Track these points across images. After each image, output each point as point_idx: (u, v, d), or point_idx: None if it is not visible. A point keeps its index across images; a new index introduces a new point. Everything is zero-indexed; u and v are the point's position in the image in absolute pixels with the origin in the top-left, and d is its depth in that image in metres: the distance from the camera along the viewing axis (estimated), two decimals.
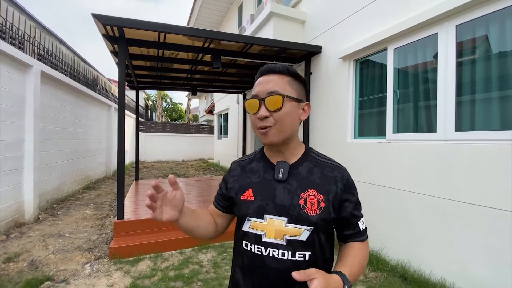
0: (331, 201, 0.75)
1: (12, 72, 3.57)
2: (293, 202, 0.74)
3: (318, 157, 0.83)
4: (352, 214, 0.78)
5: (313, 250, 0.74)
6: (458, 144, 2.24)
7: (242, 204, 0.81)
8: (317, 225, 0.73)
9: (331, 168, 0.80)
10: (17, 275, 2.53)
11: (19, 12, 4.39)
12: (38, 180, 4.08)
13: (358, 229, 0.79)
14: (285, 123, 0.75)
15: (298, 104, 0.78)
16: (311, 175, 0.78)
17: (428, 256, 2.44)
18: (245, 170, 0.87)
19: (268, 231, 0.75)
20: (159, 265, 2.83)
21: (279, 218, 0.74)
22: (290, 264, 0.72)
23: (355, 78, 3.50)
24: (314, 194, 0.75)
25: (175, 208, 0.73)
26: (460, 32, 2.28)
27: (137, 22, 3.08)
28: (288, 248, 0.72)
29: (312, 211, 0.73)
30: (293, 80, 0.78)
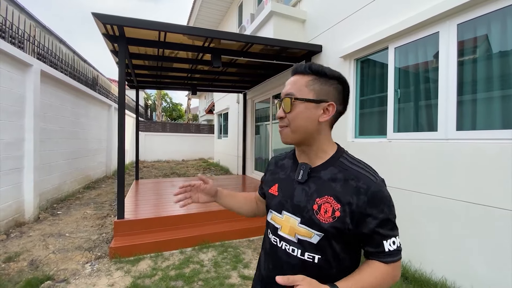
0: (348, 212, 0.70)
1: (12, 71, 3.56)
2: (307, 205, 0.75)
3: (349, 163, 0.77)
4: (374, 231, 0.70)
5: (323, 255, 0.73)
6: (459, 143, 2.24)
7: (269, 196, 0.89)
8: (328, 232, 0.72)
9: (357, 176, 0.73)
10: (17, 274, 2.53)
11: (19, 11, 4.38)
12: (38, 180, 4.07)
13: (382, 248, 0.71)
14: (297, 124, 0.76)
15: (316, 105, 0.75)
16: (333, 181, 0.74)
17: (429, 255, 2.44)
18: (277, 165, 0.93)
19: (284, 226, 0.79)
20: (159, 265, 2.83)
21: (293, 216, 0.78)
22: (299, 262, 0.75)
23: (355, 77, 3.50)
24: (330, 202, 0.72)
25: (208, 194, 1.01)
26: (462, 31, 2.27)
27: (138, 21, 3.07)
28: (298, 246, 0.75)
29: (325, 218, 0.72)
30: (315, 80, 0.76)
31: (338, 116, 0.81)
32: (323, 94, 0.76)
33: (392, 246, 0.71)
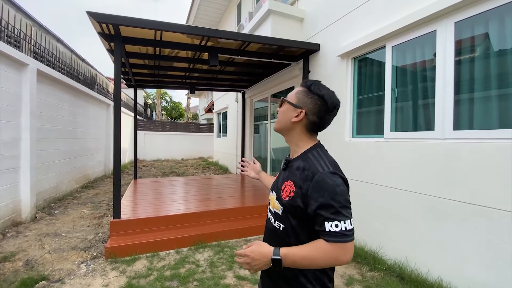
0: (300, 194, 0.88)
1: (7, 70, 3.54)
2: (279, 186, 0.99)
3: (312, 157, 0.94)
4: (316, 212, 0.83)
5: (285, 225, 0.94)
6: (457, 143, 2.21)
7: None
8: (285, 207, 0.93)
9: (310, 167, 0.90)
10: (13, 274, 2.52)
11: (15, 10, 4.36)
12: (35, 179, 4.06)
13: (323, 228, 0.82)
14: (280, 118, 1.02)
15: (293, 109, 0.97)
16: (297, 170, 0.95)
17: (425, 255, 2.43)
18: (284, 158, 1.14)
19: (271, 201, 1.03)
20: (155, 265, 2.81)
21: (274, 194, 1.02)
22: (272, 228, 0.99)
23: (353, 76, 3.47)
24: (290, 185, 0.93)
25: (255, 171, 1.43)
26: (459, 29, 2.25)
27: (133, 20, 3.05)
28: (273, 216, 1.00)
29: (285, 196, 0.94)
30: (304, 91, 0.98)
31: (313, 125, 0.97)
32: (301, 103, 0.96)
33: (334, 228, 0.81)
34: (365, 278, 2.58)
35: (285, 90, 5.34)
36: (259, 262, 0.85)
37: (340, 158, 3.50)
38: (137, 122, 13.25)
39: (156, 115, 20.36)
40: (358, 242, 3.15)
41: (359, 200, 3.18)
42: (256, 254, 0.85)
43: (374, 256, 2.84)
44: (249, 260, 0.85)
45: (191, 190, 5.41)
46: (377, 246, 2.91)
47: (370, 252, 2.92)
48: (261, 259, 0.85)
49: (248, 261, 0.86)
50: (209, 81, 6.45)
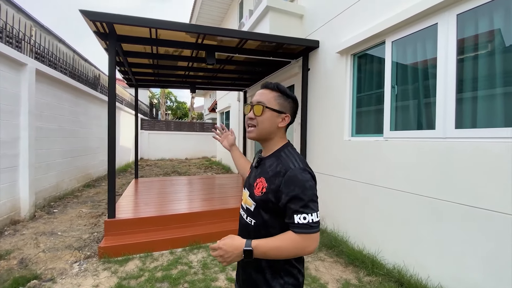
0: (272, 190, 0.93)
1: (5, 70, 3.56)
2: (252, 183, 1.03)
3: (284, 155, 1.00)
4: (286, 206, 0.90)
5: (256, 221, 0.98)
6: (458, 142, 2.10)
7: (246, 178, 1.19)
8: (258, 202, 0.98)
9: (282, 164, 0.96)
10: (6, 273, 2.52)
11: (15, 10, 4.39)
12: (34, 178, 4.09)
13: (292, 220, 0.88)
14: (263, 126, 1.01)
15: (278, 114, 1.01)
16: (269, 167, 0.99)
17: (425, 260, 2.31)
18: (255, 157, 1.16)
19: (244, 198, 1.08)
20: (147, 265, 2.78)
21: (247, 191, 1.06)
22: (245, 223, 1.04)
23: (352, 73, 3.36)
24: (262, 181, 0.98)
25: (229, 143, 1.42)
26: (462, 22, 2.12)
27: (127, 18, 3.02)
28: (246, 212, 1.05)
29: (257, 192, 0.98)
30: (280, 96, 1.02)
31: (288, 125, 1.06)
32: (283, 108, 1.02)
33: (302, 220, 0.87)
34: (362, 283, 2.48)
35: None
36: (231, 254, 0.88)
37: (338, 158, 3.43)
38: (142, 121, 13.41)
39: (161, 115, 20.49)
40: (356, 244, 3.05)
41: (357, 202, 3.08)
42: (228, 247, 0.89)
43: (372, 260, 2.73)
44: (222, 253, 0.89)
45: (191, 190, 5.38)
46: (375, 250, 2.80)
47: (368, 256, 2.81)
48: (233, 251, 0.88)
49: (221, 253, 0.89)
50: (210, 80, 6.41)
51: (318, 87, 3.90)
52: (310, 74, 4.11)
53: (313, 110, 3.99)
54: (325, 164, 3.68)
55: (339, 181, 3.38)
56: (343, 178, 3.31)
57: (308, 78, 4.12)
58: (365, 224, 2.96)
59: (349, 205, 3.20)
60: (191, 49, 3.85)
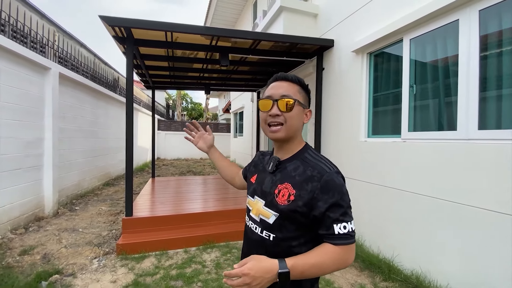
0: (302, 197, 0.81)
1: (31, 74, 3.77)
2: (271, 190, 0.89)
3: (310, 157, 0.89)
4: (325, 214, 0.78)
5: (278, 234, 0.85)
6: (482, 144, 1.99)
7: (249, 184, 1.05)
8: (283, 213, 0.83)
9: (314, 167, 0.84)
10: (30, 267, 2.66)
11: (39, 17, 4.63)
12: (57, 177, 4.29)
13: (332, 231, 0.78)
14: (293, 123, 0.88)
15: (303, 109, 0.91)
16: (294, 171, 0.87)
17: (445, 266, 2.21)
18: (259, 159, 1.08)
19: (254, 208, 0.94)
20: (162, 263, 2.84)
21: (261, 200, 0.92)
22: (259, 238, 0.89)
23: (368, 72, 3.28)
24: (288, 188, 0.85)
25: (206, 144, 1.25)
26: (484, 18, 2.02)
27: (143, 22, 3.10)
28: (259, 225, 0.90)
29: (282, 201, 0.84)
30: (301, 89, 0.91)
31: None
32: (306, 102, 0.93)
33: (342, 230, 0.77)
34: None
35: None
36: (261, 280, 0.71)
37: (354, 159, 3.35)
38: (159, 122, 13.76)
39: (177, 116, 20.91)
40: (371, 249, 2.97)
41: (373, 204, 3.00)
42: (257, 271, 0.71)
43: (389, 265, 2.65)
44: (249, 280, 0.71)
45: (205, 189, 5.45)
46: (392, 254, 2.71)
47: (384, 260, 2.73)
48: (263, 275, 0.72)
49: (248, 281, 0.70)
50: (224, 81, 6.46)
51: (333, 86, 3.84)
52: (324, 73, 4.05)
53: (328, 110, 3.93)
54: (340, 165, 3.56)
55: (354, 183, 3.31)
56: (359, 180, 3.23)
57: (323, 77, 4.06)
58: (381, 228, 2.88)
59: (365, 208, 3.13)
60: (205, 51, 3.90)
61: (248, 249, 0.95)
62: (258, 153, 1.14)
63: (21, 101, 3.58)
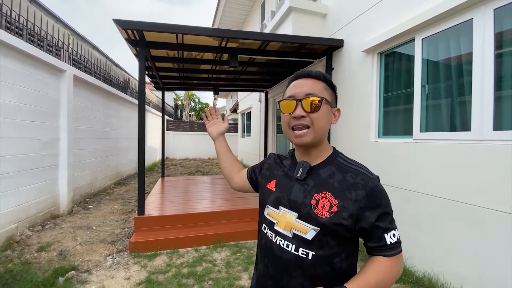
0: (346, 208, 0.72)
1: (47, 76, 3.89)
2: (305, 200, 0.77)
3: (345, 162, 0.81)
4: (374, 225, 0.72)
5: (318, 252, 0.73)
6: (497, 145, 1.96)
7: (266, 191, 0.90)
8: (326, 227, 0.73)
9: (355, 174, 0.76)
10: (47, 263, 2.75)
11: (54, 21, 4.78)
12: (72, 176, 4.42)
13: (383, 242, 0.72)
14: (321, 124, 0.78)
15: (331, 109, 0.82)
16: (331, 178, 0.78)
17: (459, 269, 2.18)
18: (276, 162, 0.95)
19: (280, 221, 0.80)
20: (174, 261, 2.89)
21: (290, 212, 0.79)
22: (293, 257, 0.75)
23: (379, 72, 3.26)
24: (328, 197, 0.75)
25: (218, 129, 1.17)
26: (499, 17, 1.98)
27: (155, 24, 3.17)
28: (293, 242, 0.76)
29: (322, 213, 0.74)
30: (327, 86, 0.82)
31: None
32: (333, 100, 0.83)
33: (393, 239, 0.72)
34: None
35: None
36: None
37: (364, 159, 3.31)
38: (167, 122, 13.94)
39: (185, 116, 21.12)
40: None
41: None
42: None
43: None
44: None
45: (213, 189, 5.50)
46: (404, 256, 2.68)
47: None
48: None
49: None
50: (232, 81, 6.51)
51: (343, 86, 3.82)
52: (334, 74, 4.04)
53: None
54: None
55: None
56: None
57: (332, 78, 4.04)
58: None
59: None
60: (215, 52, 3.95)
61: (276, 270, 0.79)
62: (273, 155, 1.01)
63: (38, 102, 3.70)
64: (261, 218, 0.91)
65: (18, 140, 3.36)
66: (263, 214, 0.89)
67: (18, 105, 3.34)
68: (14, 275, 2.45)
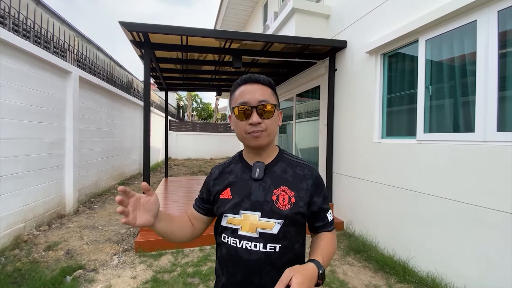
0: (301, 197, 0.83)
1: (53, 78, 3.94)
2: (267, 198, 0.82)
3: (290, 158, 0.92)
4: (321, 208, 0.86)
5: (283, 243, 0.80)
6: (501, 146, 1.97)
7: (221, 202, 0.88)
8: (288, 218, 0.80)
9: (302, 167, 0.89)
10: (55, 262, 2.79)
11: (60, 23, 4.83)
12: (77, 176, 4.47)
13: (327, 220, 0.88)
14: (274, 128, 0.86)
15: (278, 112, 0.89)
16: (284, 173, 0.86)
17: (462, 269, 2.20)
18: (223, 172, 0.94)
19: (244, 225, 0.81)
20: (179, 261, 2.93)
21: (253, 213, 0.82)
22: (262, 255, 0.79)
23: (382, 73, 3.27)
24: (286, 191, 0.83)
25: (149, 213, 0.76)
26: (503, 18, 2.00)
27: (160, 27, 3.20)
28: (260, 240, 0.79)
29: (284, 205, 0.81)
30: (272, 91, 0.88)
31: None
32: (278, 104, 0.89)
33: (330, 217, 0.89)
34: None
35: (311, 89, 5.22)
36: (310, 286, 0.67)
37: (367, 160, 3.35)
38: (170, 123, 14.00)
39: (187, 116, 21.20)
40: (386, 250, 2.96)
41: (387, 206, 2.99)
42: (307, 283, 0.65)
43: (404, 267, 2.64)
44: None
45: None
46: (407, 256, 2.71)
47: (399, 262, 2.73)
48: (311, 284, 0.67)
49: None
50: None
51: (346, 87, 3.84)
52: (337, 74, 4.06)
53: (340, 111, 3.93)
54: (353, 166, 3.61)
55: (368, 184, 3.31)
56: (372, 182, 3.23)
57: (335, 78, 4.06)
58: (395, 229, 2.87)
59: (378, 210, 3.12)
60: (218, 53, 3.98)
61: (245, 274, 0.79)
62: (214, 169, 0.97)
63: (45, 103, 3.75)
64: (218, 231, 0.89)
65: (26, 140, 3.41)
66: (220, 225, 0.87)
67: (25, 106, 3.39)
68: (23, 274, 2.49)
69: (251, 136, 0.83)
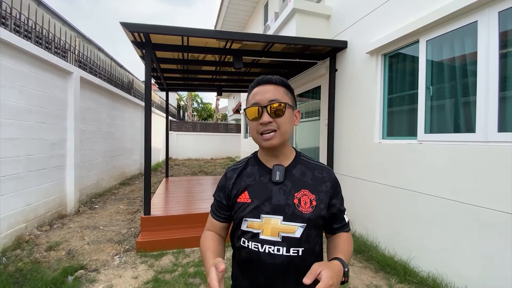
0: (322, 199, 0.84)
1: (55, 78, 3.95)
2: (288, 201, 0.82)
3: (308, 160, 0.92)
4: (340, 210, 0.88)
5: (306, 246, 0.80)
6: (502, 146, 1.97)
7: (239, 206, 0.87)
8: (310, 221, 0.81)
9: (320, 169, 0.89)
10: (56, 262, 2.80)
11: (61, 23, 4.84)
12: (78, 176, 4.48)
13: (344, 222, 0.90)
14: (286, 128, 0.83)
15: (293, 111, 0.87)
16: (304, 176, 0.86)
17: (463, 269, 2.20)
18: (241, 175, 0.92)
19: (265, 229, 0.80)
20: (180, 261, 2.93)
21: (275, 216, 0.81)
22: (285, 259, 0.78)
23: (383, 73, 3.27)
24: (307, 194, 0.83)
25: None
26: (504, 19, 2.00)
27: (161, 27, 3.21)
28: (283, 244, 0.79)
29: (306, 209, 0.81)
30: (287, 91, 0.87)
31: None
32: (293, 103, 0.89)
33: (347, 218, 0.91)
34: None
35: (312, 90, 5.22)
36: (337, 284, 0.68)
37: (368, 161, 3.36)
38: (170, 123, 14.02)
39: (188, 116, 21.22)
40: (387, 250, 2.97)
41: (388, 206, 3.00)
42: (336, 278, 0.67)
43: (404, 267, 2.64)
44: None
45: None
46: (408, 256, 2.71)
47: (400, 262, 2.73)
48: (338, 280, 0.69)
49: None
50: (235, 82, 6.55)
51: (346, 88, 3.84)
52: (337, 75, 4.06)
53: (341, 111, 3.94)
54: (354, 167, 3.61)
55: (368, 184, 3.31)
56: (373, 182, 3.23)
57: (336, 79, 4.07)
58: (396, 230, 2.88)
59: (380, 210, 3.13)
60: (219, 54, 3.99)
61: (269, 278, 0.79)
62: (229, 170, 0.95)
63: (46, 104, 3.76)
64: (237, 235, 0.87)
65: (27, 141, 3.42)
66: (240, 229, 0.85)
67: (27, 106, 3.40)
68: (25, 274, 2.50)
69: (262, 137, 0.82)
